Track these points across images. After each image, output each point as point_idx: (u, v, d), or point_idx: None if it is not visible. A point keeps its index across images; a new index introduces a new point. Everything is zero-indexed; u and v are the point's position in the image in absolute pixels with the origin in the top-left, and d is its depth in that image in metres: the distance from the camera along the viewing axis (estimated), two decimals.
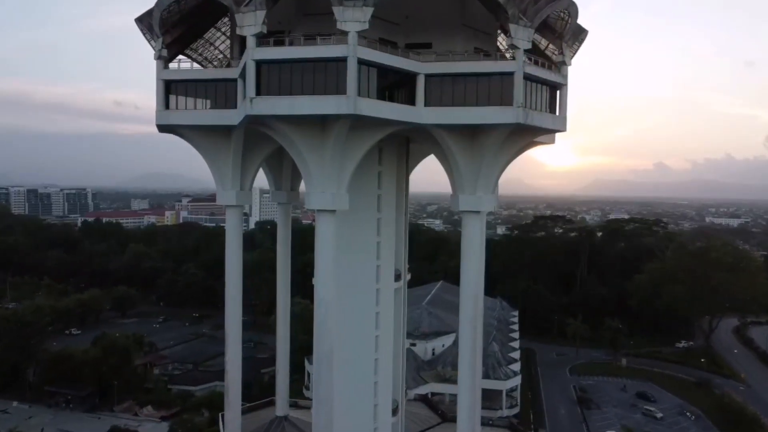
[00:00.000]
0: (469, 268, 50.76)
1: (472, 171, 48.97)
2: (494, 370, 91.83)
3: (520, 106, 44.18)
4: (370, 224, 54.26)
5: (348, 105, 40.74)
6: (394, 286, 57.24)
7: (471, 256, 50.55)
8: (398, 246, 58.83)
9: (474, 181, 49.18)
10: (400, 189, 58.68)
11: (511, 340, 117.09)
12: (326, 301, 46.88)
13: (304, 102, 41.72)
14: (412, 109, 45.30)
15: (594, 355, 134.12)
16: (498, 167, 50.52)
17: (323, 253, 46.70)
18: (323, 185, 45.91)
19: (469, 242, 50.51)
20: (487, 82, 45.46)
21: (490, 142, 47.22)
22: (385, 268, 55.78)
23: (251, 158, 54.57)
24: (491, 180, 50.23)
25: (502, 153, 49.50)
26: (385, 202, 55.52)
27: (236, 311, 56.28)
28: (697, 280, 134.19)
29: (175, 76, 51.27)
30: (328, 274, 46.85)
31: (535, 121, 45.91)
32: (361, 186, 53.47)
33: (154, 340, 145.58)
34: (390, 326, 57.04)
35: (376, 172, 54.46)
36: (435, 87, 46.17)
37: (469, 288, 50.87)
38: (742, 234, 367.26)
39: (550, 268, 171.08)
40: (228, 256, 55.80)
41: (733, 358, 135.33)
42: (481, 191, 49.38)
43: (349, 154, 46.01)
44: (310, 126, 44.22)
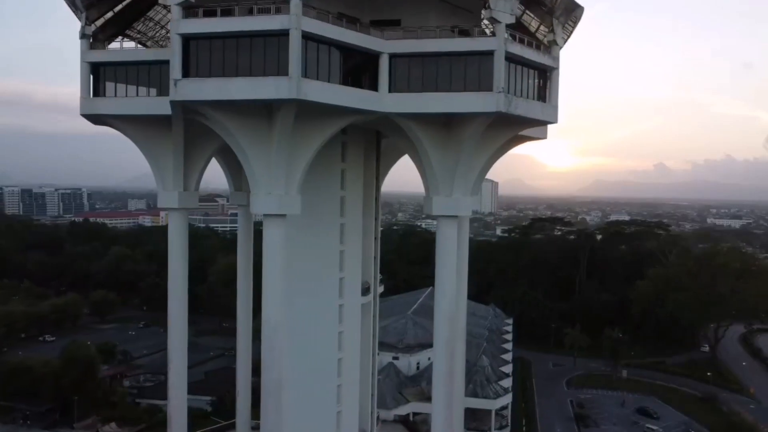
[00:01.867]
0: (445, 283, 43.97)
1: (447, 169, 42.19)
2: (482, 388, 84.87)
3: (501, 91, 37.40)
4: (331, 230, 47.30)
5: (289, 88, 33.85)
6: (362, 301, 50.25)
7: (446, 269, 43.78)
8: (367, 255, 51.88)
9: (449, 180, 42.39)
10: (370, 190, 51.73)
11: (504, 351, 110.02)
12: (274, 321, 40.04)
13: (237, 85, 34.86)
14: (372, 95, 38.41)
15: (593, 365, 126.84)
16: (478, 165, 43.70)
17: (271, 266, 39.83)
18: (270, 186, 39.11)
19: (445, 252, 43.68)
20: (462, 63, 38.73)
21: (467, 134, 40.35)
22: (351, 281, 48.79)
23: (196, 154, 47.54)
24: (470, 179, 43.43)
25: (482, 148, 42.72)
26: (351, 204, 48.51)
27: (180, 330, 49.23)
28: (703, 287, 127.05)
29: (103, 58, 44.26)
30: (277, 291, 40.02)
31: (520, 110, 39.04)
32: (321, 186, 46.72)
33: (129, 348, 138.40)
34: (356, 347, 50.04)
35: (338, 171, 47.48)
36: (401, 69, 39.44)
37: (445, 305, 43.97)
38: (745, 236, 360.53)
39: (548, 272, 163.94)
40: (171, 268, 48.92)
41: (740, 371, 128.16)
42: (458, 192, 42.65)
43: (300, 149, 39.12)
44: (252, 115, 37.43)
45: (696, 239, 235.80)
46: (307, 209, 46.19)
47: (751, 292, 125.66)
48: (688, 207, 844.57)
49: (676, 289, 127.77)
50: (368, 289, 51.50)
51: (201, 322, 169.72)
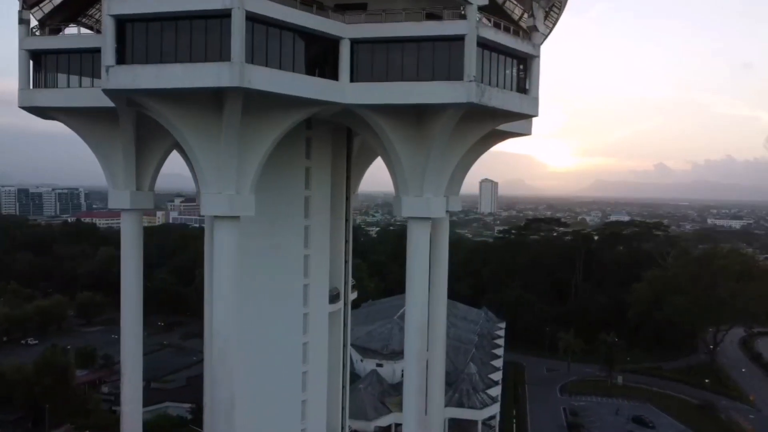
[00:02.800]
0: (416, 290, 40.46)
1: (416, 166, 38.71)
2: (469, 397, 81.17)
3: (472, 80, 33.89)
4: (294, 233, 43.75)
5: (231, 75, 30.32)
6: (330, 309, 46.62)
7: (417, 275, 40.28)
8: (336, 259, 48.29)
9: (419, 179, 38.91)
10: (339, 190, 48.17)
11: (494, 357, 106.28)
12: (225, 334, 36.56)
13: (174, 72, 31.30)
14: (331, 85, 34.90)
15: (588, 370, 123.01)
16: (452, 162, 40.22)
17: (221, 272, 36.41)
18: (219, 185, 35.59)
19: (416, 257, 40.13)
20: (430, 49, 35.26)
21: (438, 128, 36.87)
22: (316, 288, 45.24)
23: (150, 151, 44.08)
24: (443, 178, 39.93)
25: (456, 144, 39.21)
26: (317, 205, 44.94)
27: (133, 341, 45.73)
28: (702, 290, 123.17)
29: (44, 46, 40.70)
30: (227, 300, 36.54)
31: (495, 102, 35.54)
32: (283, 186, 43.30)
33: (111, 351, 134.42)
34: (323, 359, 46.48)
35: (302, 169, 43.82)
36: (364, 56, 36.01)
37: (416, 314, 40.42)
38: (746, 236, 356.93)
39: (544, 274, 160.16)
40: (124, 273, 45.48)
41: (740, 377, 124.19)
42: (429, 192, 39.15)
43: (252, 145, 35.61)
44: (198, 106, 33.97)
45: (696, 240, 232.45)
46: (266, 210, 42.71)
47: (751, 295, 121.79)
48: (688, 207, 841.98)
49: (674, 292, 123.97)
50: (337, 296, 47.94)
51: (189, 325, 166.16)
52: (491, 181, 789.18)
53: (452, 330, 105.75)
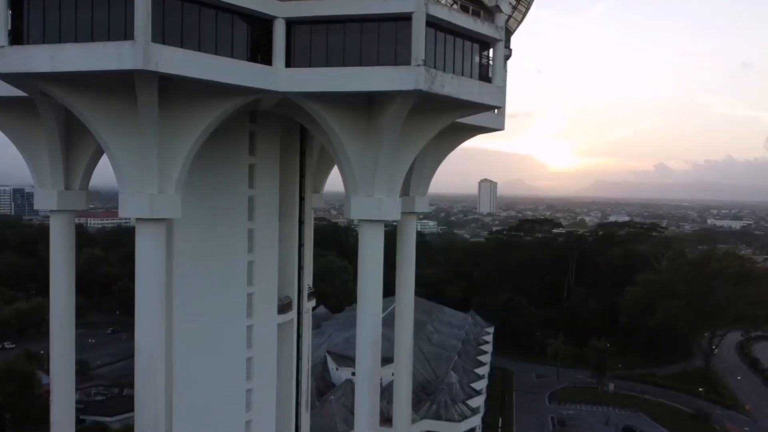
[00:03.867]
0: (367, 301, 36.48)
1: (366, 163, 34.85)
2: (447, 409, 76.99)
3: (420, 64, 29.79)
4: (236, 237, 39.64)
5: (134, 56, 26.42)
6: (280, 320, 42.58)
7: (369, 284, 36.21)
8: (288, 265, 44.26)
9: (370, 177, 35.00)
10: (291, 190, 44.13)
11: (479, 364, 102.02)
12: (149, 350, 32.73)
13: (71, 53, 27.43)
14: (262, 70, 31.00)
15: (579, 377, 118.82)
16: (407, 158, 36.30)
17: (143, 282, 32.43)
18: (139, 183, 31.71)
19: (367, 265, 36.02)
20: (375, 30, 31.28)
21: (387, 120, 33.00)
22: (263, 296, 41.29)
23: (80, 146, 39.99)
24: (397, 176, 36.02)
25: (410, 138, 35.31)
26: (263, 206, 40.96)
27: (65, 350, 41.78)
28: (697, 294, 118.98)
29: None
30: (152, 313, 32.62)
31: (449, 89, 31.65)
32: (222, 185, 39.34)
33: (89, 356, 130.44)
34: (271, 374, 42.38)
35: (245, 167, 39.71)
36: (301, 39, 32.11)
37: (368, 328, 36.54)
38: (746, 237, 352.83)
39: (536, 277, 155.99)
40: (53, 279, 41.44)
41: (736, 384, 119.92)
42: (381, 192, 35.20)
43: (176, 139, 31.75)
44: (108, 93, 30.01)
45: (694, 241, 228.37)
46: (203, 212, 38.92)
47: (748, 299, 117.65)
48: (688, 207, 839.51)
49: (667, 296, 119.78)
50: (289, 305, 43.90)
51: None
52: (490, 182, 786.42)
53: (435, 336, 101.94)
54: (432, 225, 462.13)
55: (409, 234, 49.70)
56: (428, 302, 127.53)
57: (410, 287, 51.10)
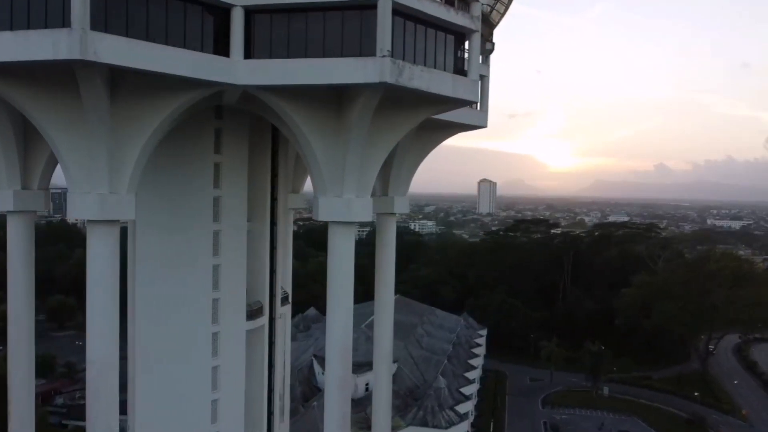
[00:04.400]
0: (337, 307, 34.40)
1: (334, 161, 32.86)
2: (434, 415, 75.00)
3: (386, 55, 27.84)
4: (201, 240, 37.66)
5: (70, 44, 24.60)
6: (249, 326, 40.61)
7: (339, 291, 34.25)
8: (259, 269, 42.24)
9: (338, 176, 33.13)
10: (262, 190, 42.11)
11: (470, 368, 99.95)
12: (101, 361, 31.12)
13: (4, 41, 25.50)
14: (218, 62, 29.04)
15: (573, 380, 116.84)
16: (377, 156, 34.41)
17: (96, 288, 30.58)
18: (88, 183, 29.78)
19: (337, 269, 34.12)
20: (339, 19, 29.25)
21: (355, 116, 31.11)
22: (230, 302, 39.34)
23: (38, 143, 37.96)
24: (367, 175, 34.15)
25: (381, 135, 33.52)
26: (230, 207, 39.02)
27: (24, 361, 39.83)
28: (693, 296, 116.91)
29: None
30: (103, 321, 30.77)
31: (418, 82, 29.71)
32: (186, 185, 37.57)
33: (76, 359, 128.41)
34: (239, 384, 40.43)
35: (210, 165, 37.75)
36: (262, 28, 30.08)
37: (338, 335, 34.62)
38: (745, 237, 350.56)
39: (531, 278, 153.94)
40: (10, 283, 39.53)
41: (733, 388, 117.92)
42: (351, 192, 33.14)
43: (128, 136, 30.01)
44: (50, 85, 28.04)
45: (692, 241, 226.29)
46: (165, 214, 37.10)
47: (746, 302, 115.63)
48: (688, 208, 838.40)
49: (663, 298, 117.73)
50: (259, 311, 41.91)
51: None
52: (490, 182, 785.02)
53: (425, 339, 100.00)
54: (431, 225, 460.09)
55: (389, 235, 47.96)
56: (420, 304, 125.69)
57: (390, 290, 49.42)
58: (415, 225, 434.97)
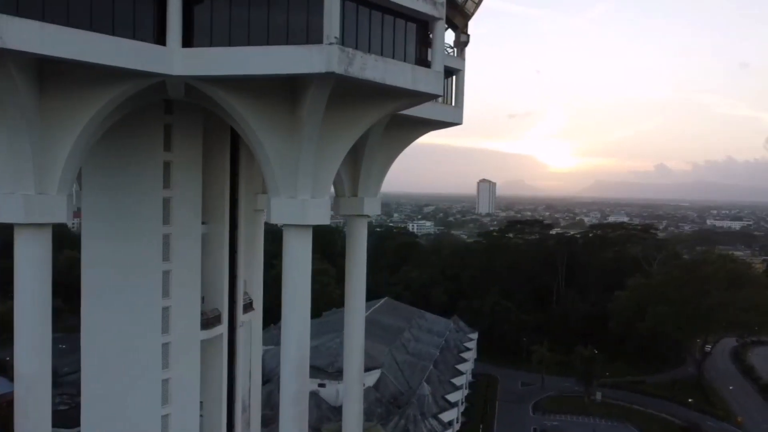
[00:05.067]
0: (293, 319, 32.08)
1: (286, 159, 30.59)
2: (416, 424, 72.42)
3: (333, 42, 25.42)
4: (149, 244, 35.15)
5: None
6: (204, 336, 38.14)
7: (294, 300, 31.92)
8: (217, 274, 39.76)
9: (291, 176, 30.77)
10: (219, 190, 39.58)
11: (457, 374, 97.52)
12: (30, 377, 28.64)
13: None
14: (151, 50, 26.51)
15: (566, 384, 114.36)
16: (334, 154, 32.06)
17: (24, 298, 28.19)
18: (12, 183, 27.46)
19: (291, 277, 31.79)
20: (285, 5, 26.80)
21: (306, 111, 28.57)
22: (182, 310, 36.84)
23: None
24: (324, 175, 31.98)
25: (337, 132, 31.22)
26: (182, 209, 36.54)
27: None
28: (688, 300, 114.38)
29: None
30: (30, 333, 28.35)
31: (372, 73, 27.40)
32: (131, 185, 34.94)
33: (58, 363, 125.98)
34: (193, 398, 37.94)
35: (159, 164, 35.26)
36: (202, 15, 27.66)
37: (292, 349, 32.30)
38: (745, 238, 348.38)
39: (525, 280, 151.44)
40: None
41: (729, 393, 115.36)
42: (305, 193, 30.72)
43: (56, 131, 27.73)
44: None
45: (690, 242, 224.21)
46: (110, 216, 34.69)
47: (742, 305, 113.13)
48: (688, 208, 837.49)
49: (658, 301, 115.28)
50: (218, 319, 39.44)
51: None
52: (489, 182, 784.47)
53: (412, 344, 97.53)
54: (429, 225, 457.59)
55: (359, 238, 45.32)
56: (409, 307, 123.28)
57: (361, 298, 46.76)
58: (413, 225, 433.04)
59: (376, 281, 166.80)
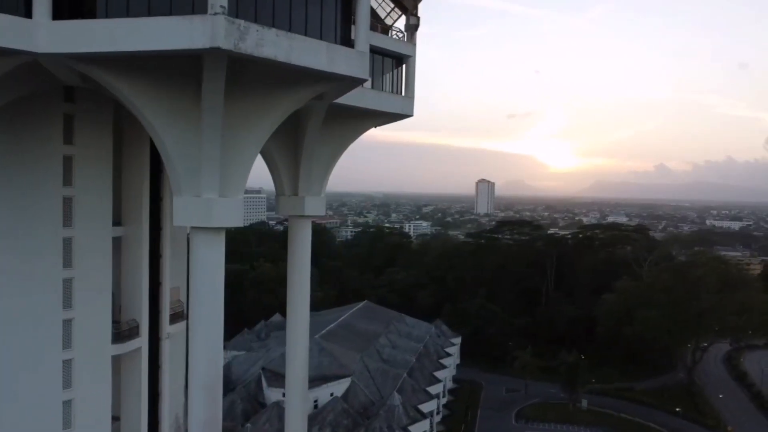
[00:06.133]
0: (202, 335, 28.17)
1: (187, 152, 26.83)
2: None
3: (219, 12, 21.68)
4: (47, 249, 31.37)
5: None
6: (115, 351, 34.35)
7: (202, 312, 28.18)
8: (134, 282, 35.99)
9: (194, 171, 27.06)
10: (137, 189, 35.76)
11: (434, 381, 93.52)
12: None
13: None
14: (14, 23, 22.69)
15: (551, 391, 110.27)
16: (247, 148, 28.22)
17: None
18: None
19: (200, 287, 27.99)
20: None
21: (204, 95, 24.76)
22: (88, 322, 33.07)
23: None
24: (236, 171, 28.74)
25: (245, 121, 27.37)
26: (87, 210, 32.91)
27: None
28: (677, 303, 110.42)
29: None
30: None
31: (271, 50, 23.82)
32: (26, 182, 31.04)
33: None
34: (103, 421, 34.14)
35: (59, 159, 31.49)
36: None
37: (201, 367, 28.43)
38: (744, 238, 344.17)
39: (513, 282, 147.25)
40: None
41: (721, 401, 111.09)
42: (211, 191, 27.14)
43: None
44: None
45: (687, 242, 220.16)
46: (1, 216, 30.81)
47: (733, 309, 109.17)
48: (688, 208, 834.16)
49: (645, 305, 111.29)
50: (135, 331, 35.65)
51: None
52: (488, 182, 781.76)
53: (387, 350, 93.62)
54: (425, 225, 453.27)
55: (301, 241, 41.65)
56: (389, 311, 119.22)
57: (304, 305, 43.22)
58: (410, 225, 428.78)
59: (362, 283, 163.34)
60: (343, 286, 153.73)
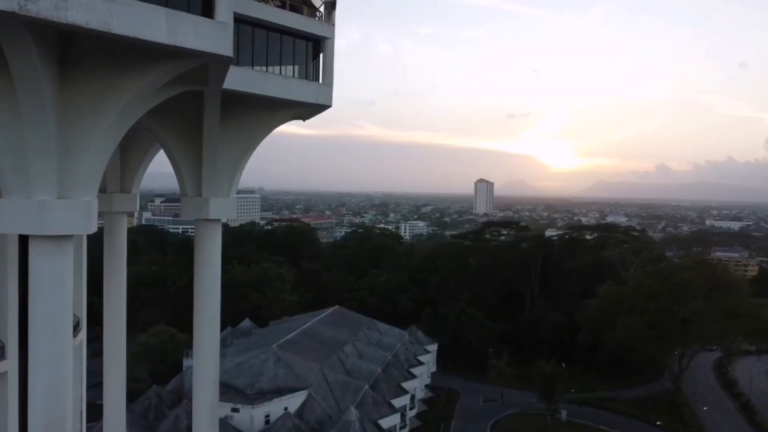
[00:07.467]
0: (41, 364, 24.14)
1: (8, 144, 22.35)
2: None
3: None
4: None
5: None
6: None
7: (44, 336, 24.14)
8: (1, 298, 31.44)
9: (19, 165, 23.01)
10: None
11: (401, 392, 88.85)
12: None
13: None
14: None
15: (531, 400, 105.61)
16: (95, 138, 24.39)
17: None
18: None
19: (40, 304, 23.86)
20: None
21: (11, 69, 20.41)
22: None
23: None
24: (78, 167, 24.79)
25: (78, 103, 23.08)
26: None
27: None
28: (662, 309, 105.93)
29: None
30: None
31: (79, 15, 19.66)
32: None
33: None
34: None
35: None
36: None
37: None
38: (743, 239, 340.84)
39: (498, 286, 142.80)
40: None
41: (706, 411, 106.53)
42: (45, 192, 23.63)
43: None
44: None
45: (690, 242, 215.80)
46: None
47: (720, 314, 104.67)
48: (689, 208, 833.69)
49: (629, 311, 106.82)
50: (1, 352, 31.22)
51: None
52: (487, 182, 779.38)
53: (351, 360, 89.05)
54: (422, 226, 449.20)
55: (209, 246, 37.22)
56: (360, 317, 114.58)
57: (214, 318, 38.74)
58: (406, 226, 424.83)
59: (341, 286, 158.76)
60: (321, 290, 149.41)
